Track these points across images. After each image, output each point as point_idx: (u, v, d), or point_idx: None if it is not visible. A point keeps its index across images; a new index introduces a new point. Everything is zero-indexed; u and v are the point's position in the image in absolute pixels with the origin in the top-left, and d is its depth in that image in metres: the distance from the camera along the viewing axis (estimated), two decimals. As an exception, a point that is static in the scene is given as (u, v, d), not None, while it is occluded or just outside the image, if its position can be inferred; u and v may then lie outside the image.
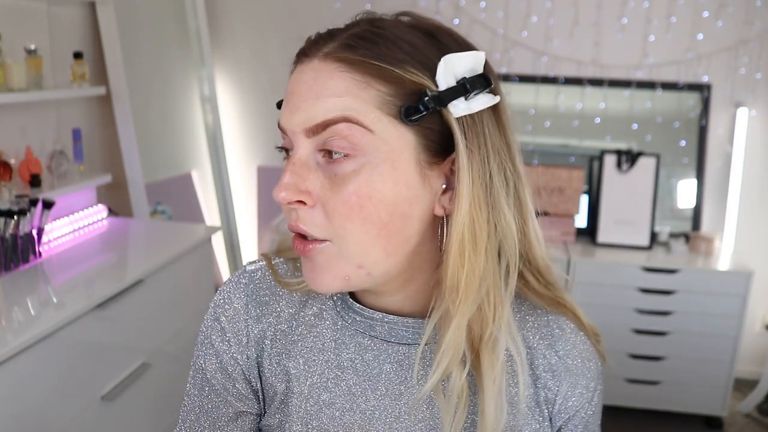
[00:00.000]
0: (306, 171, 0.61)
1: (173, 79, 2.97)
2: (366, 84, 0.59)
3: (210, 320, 0.75)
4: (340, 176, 0.60)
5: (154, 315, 2.01)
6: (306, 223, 0.62)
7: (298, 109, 0.61)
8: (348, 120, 0.59)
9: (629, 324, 2.67)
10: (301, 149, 0.61)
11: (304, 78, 0.61)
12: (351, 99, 0.59)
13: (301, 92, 0.61)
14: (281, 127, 0.63)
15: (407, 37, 0.60)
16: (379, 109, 0.59)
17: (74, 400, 1.66)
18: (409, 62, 0.59)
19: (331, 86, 0.59)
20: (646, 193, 2.79)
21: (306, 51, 0.62)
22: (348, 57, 0.59)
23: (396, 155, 0.60)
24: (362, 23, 0.63)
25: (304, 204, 0.61)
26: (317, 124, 0.59)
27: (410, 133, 0.60)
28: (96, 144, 2.58)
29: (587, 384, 0.73)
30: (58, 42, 2.29)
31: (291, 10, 3.06)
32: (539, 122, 3.01)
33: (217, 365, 0.73)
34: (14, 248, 1.83)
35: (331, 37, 0.62)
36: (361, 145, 0.59)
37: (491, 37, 2.96)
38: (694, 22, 2.85)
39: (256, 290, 0.74)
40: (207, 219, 3.14)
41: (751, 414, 2.84)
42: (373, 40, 0.60)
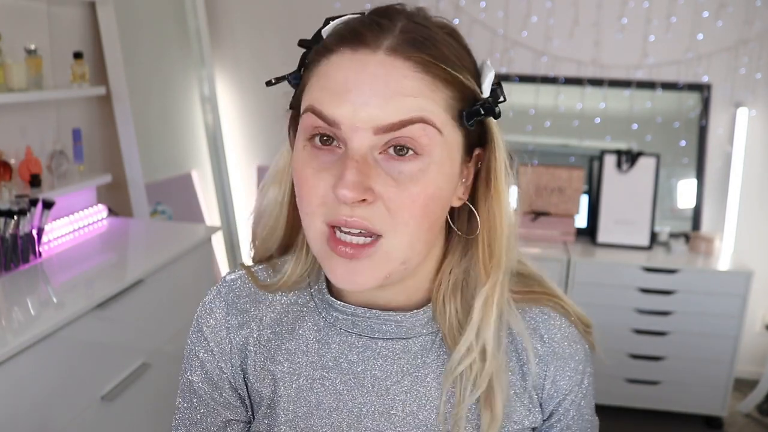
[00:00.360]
0: (368, 167, 0.59)
1: (173, 79, 2.97)
2: (435, 86, 0.60)
3: (194, 333, 0.76)
4: (407, 174, 0.60)
5: (154, 315, 2.01)
6: (366, 218, 0.59)
7: (366, 105, 0.58)
8: (424, 121, 0.59)
9: (629, 324, 2.67)
10: (363, 145, 0.59)
11: (369, 70, 0.58)
12: (425, 100, 0.59)
13: (369, 85, 0.58)
14: (331, 120, 0.59)
15: (449, 39, 0.63)
16: (445, 112, 0.61)
17: (74, 400, 1.66)
18: (465, 68, 0.62)
19: (407, 86, 0.58)
20: (646, 193, 2.79)
21: (363, 39, 0.59)
22: (420, 57, 0.59)
23: (453, 155, 0.63)
24: (399, 16, 0.62)
25: (364, 201, 0.59)
26: (393, 123, 0.58)
27: (461, 134, 0.63)
28: (96, 144, 2.58)
29: (575, 367, 0.73)
30: (58, 42, 2.29)
31: (291, 10, 3.06)
32: (539, 122, 3.01)
33: (203, 376, 0.74)
34: (14, 248, 1.83)
35: (381, 27, 0.60)
36: (430, 146, 0.60)
37: (491, 37, 2.96)
38: (694, 22, 2.85)
39: (236, 299, 0.74)
40: (207, 219, 3.14)
41: (751, 414, 2.84)
42: (432, 41, 0.60)
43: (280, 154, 0.73)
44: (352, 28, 0.61)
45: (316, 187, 0.61)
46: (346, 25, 0.62)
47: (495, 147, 0.66)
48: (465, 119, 0.62)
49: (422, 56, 0.59)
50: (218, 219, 3.22)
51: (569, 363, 0.72)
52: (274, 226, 0.74)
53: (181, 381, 0.76)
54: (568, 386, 0.72)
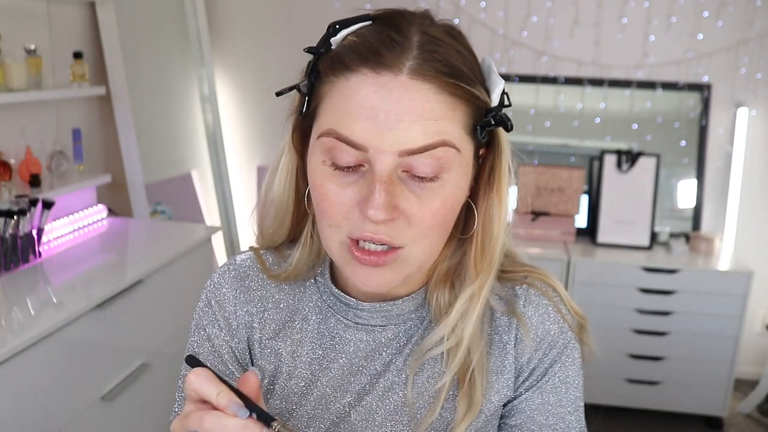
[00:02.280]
0: (394, 187, 0.61)
1: (173, 79, 2.97)
2: (454, 106, 0.61)
3: (201, 306, 0.78)
4: (428, 190, 0.62)
5: (154, 315, 2.01)
6: (389, 234, 0.62)
7: (391, 129, 0.59)
8: (446, 144, 0.61)
9: (629, 324, 2.67)
10: (389, 166, 0.61)
11: (394, 96, 0.59)
12: (445, 123, 0.61)
13: (393, 110, 0.59)
14: (358, 145, 0.60)
15: (460, 49, 0.63)
16: (463, 129, 0.63)
17: (74, 400, 1.66)
18: (477, 81, 0.64)
19: (429, 108, 0.60)
20: (646, 193, 2.79)
21: (383, 61, 0.60)
22: (441, 80, 0.60)
23: (468, 167, 0.65)
24: (411, 27, 0.62)
25: (393, 220, 0.62)
26: (417, 148, 0.60)
27: (472, 144, 0.65)
28: (96, 144, 2.58)
29: (551, 342, 0.72)
30: (58, 42, 2.29)
31: (291, 10, 3.06)
32: (539, 122, 3.01)
33: (209, 349, 0.76)
34: (14, 248, 1.83)
35: (400, 47, 0.60)
36: (450, 164, 0.62)
37: (491, 37, 2.96)
38: (694, 22, 2.85)
39: (244, 277, 0.78)
40: (207, 219, 3.14)
41: (752, 414, 2.84)
42: (449, 59, 0.61)
43: (280, 150, 0.73)
44: (370, 46, 0.60)
45: (342, 204, 0.63)
46: (362, 40, 0.61)
47: (501, 150, 0.68)
48: (479, 133, 0.65)
49: (442, 78, 0.60)
50: (218, 219, 3.22)
51: (544, 342, 0.72)
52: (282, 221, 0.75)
53: (186, 353, 0.77)
54: (534, 364, 0.72)
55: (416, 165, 0.61)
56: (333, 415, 0.72)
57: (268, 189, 0.75)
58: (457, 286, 0.71)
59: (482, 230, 0.69)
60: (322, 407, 0.73)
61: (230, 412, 0.53)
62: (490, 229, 0.68)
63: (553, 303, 0.73)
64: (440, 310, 0.71)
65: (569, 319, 0.73)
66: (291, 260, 0.75)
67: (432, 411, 0.70)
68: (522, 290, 0.73)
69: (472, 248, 0.69)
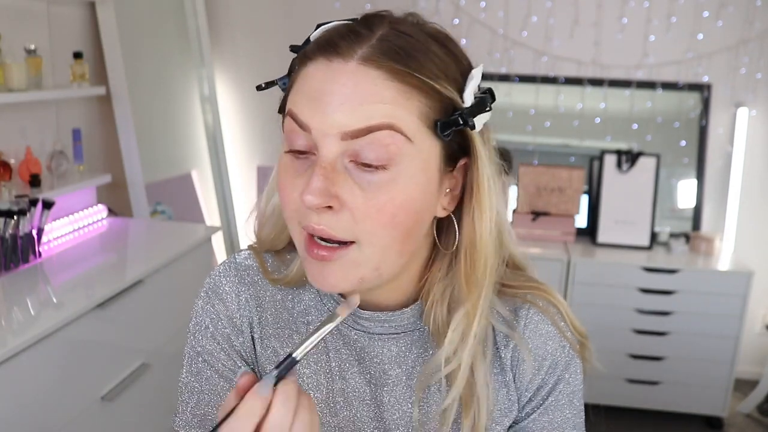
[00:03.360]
0: (335, 174, 0.60)
1: (173, 79, 2.97)
2: (408, 94, 0.60)
3: (201, 304, 0.76)
4: (375, 184, 0.60)
5: (154, 315, 2.01)
6: (332, 227, 0.61)
7: (335, 111, 0.59)
8: (392, 127, 0.59)
9: (629, 324, 2.67)
10: (332, 152, 0.60)
11: (339, 79, 0.59)
12: (395, 107, 0.59)
13: (339, 94, 0.59)
14: (304, 125, 0.61)
15: (432, 47, 0.62)
16: (419, 119, 0.60)
17: (74, 400, 1.66)
18: (442, 76, 0.61)
19: (376, 93, 0.59)
20: (646, 193, 2.79)
21: (337, 49, 0.60)
22: (391, 66, 0.59)
23: (428, 165, 0.62)
24: (383, 23, 0.62)
25: (330, 208, 0.60)
26: (359, 129, 0.59)
27: (437, 143, 0.63)
28: (96, 144, 2.58)
29: (548, 368, 0.72)
30: (58, 42, 2.29)
31: (291, 10, 3.06)
32: (539, 122, 3.01)
33: (214, 346, 0.75)
34: (14, 248, 1.83)
35: (359, 36, 0.61)
36: (399, 154, 0.60)
37: (491, 37, 2.96)
38: (694, 22, 2.85)
39: (245, 275, 0.76)
40: (207, 219, 3.14)
41: (752, 414, 2.84)
42: (407, 49, 0.60)
43: (280, 155, 0.73)
44: (329, 37, 0.62)
45: (292, 193, 0.62)
46: (327, 33, 0.63)
47: (476, 158, 0.65)
48: (439, 129, 0.62)
49: (394, 65, 0.59)
50: (218, 219, 3.22)
51: (546, 361, 0.72)
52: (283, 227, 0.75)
53: (187, 354, 0.76)
54: (540, 384, 0.72)
55: (360, 151, 0.59)
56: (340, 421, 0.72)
57: (269, 195, 0.75)
58: (452, 304, 0.70)
59: (469, 244, 0.66)
60: (328, 412, 0.73)
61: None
62: (473, 244, 0.66)
63: (554, 321, 0.73)
64: (438, 328, 0.70)
65: (570, 337, 0.73)
66: (292, 267, 0.74)
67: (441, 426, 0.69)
68: (524, 310, 0.73)
69: (461, 264, 0.67)
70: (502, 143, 3.30)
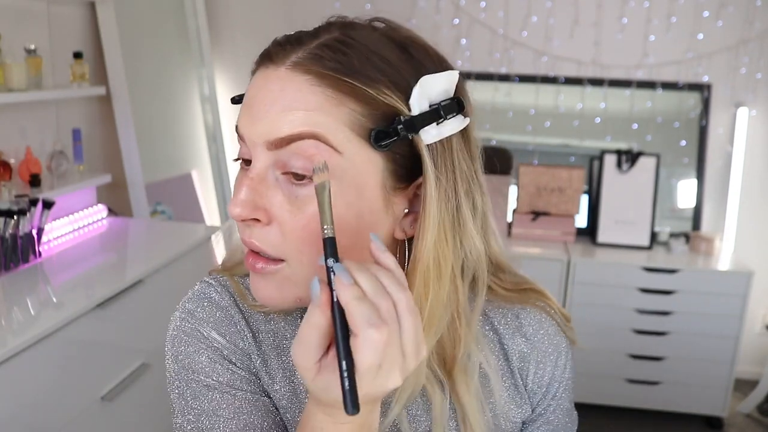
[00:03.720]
0: (264, 187, 0.57)
1: (173, 79, 2.97)
2: (338, 101, 0.55)
3: (189, 335, 0.70)
4: (301, 198, 0.56)
5: (154, 315, 2.00)
6: (261, 241, 0.58)
7: (260, 119, 0.56)
8: (316, 137, 0.55)
9: (629, 324, 2.67)
10: (260, 162, 0.57)
11: (268, 86, 0.57)
12: (321, 115, 0.55)
13: (264, 100, 0.57)
14: (239, 134, 0.59)
15: (381, 51, 0.57)
16: (350, 129, 0.56)
17: (74, 400, 1.66)
18: (383, 82, 0.56)
19: (300, 99, 0.55)
20: (646, 193, 2.79)
21: (271, 55, 0.58)
22: (319, 70, 0.55)
23: (362, 180, 0.57)
24: (333, 29, 0.59)
25: (259, 221, 0.58)
26: (281, 138, 0.55)
27: (378, 157, 0.57)
28: (96, 144, 2.58)
29: (555, 360, 0.73)
30: (58, 42, 2.29)
31: (291, 9, 3.06)
32: (539, 122, 3.01)
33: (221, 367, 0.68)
34: (14, 248, 1.83)
35: (299, 43, 0.57)
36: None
37: (491, 37, 2.96)
38: (694, 22, 2.85)
39: (225, 309, 0.69)
40: (207, 219, 3.14)
41: (752, 414, 2.84)
42: (345, 52, 0.56)
43: None
44: (271, 45, 0.59)
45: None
46: (273, 41, 0.60)
47: (425, 177, 0.58)
48: (373, 140, 0.56)
49: (324, 70, 0.55)
50: (218, 219, 3.22)
51: (550, 357, 0.73)
52: None
53: (176, 400, 0.69)
54: (549, 380, 0.73)
55: (287, 161, 0.56)
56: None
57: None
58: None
59: (410, 272, 0.59)
60: None
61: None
62: (414, 272, 0.58)
63: (552, 317, 0.73)
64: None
65: (564, 329, 0.74)
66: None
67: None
68: (525, 313, 0.72)
69: (414, 290, 0.59)
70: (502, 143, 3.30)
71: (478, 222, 0.62)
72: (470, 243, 0.61)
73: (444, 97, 0.59)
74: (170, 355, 0.70)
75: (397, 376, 0.50)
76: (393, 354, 0.49)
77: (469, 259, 0.62)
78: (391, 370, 0.50)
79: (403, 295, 0.50)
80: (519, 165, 2.87)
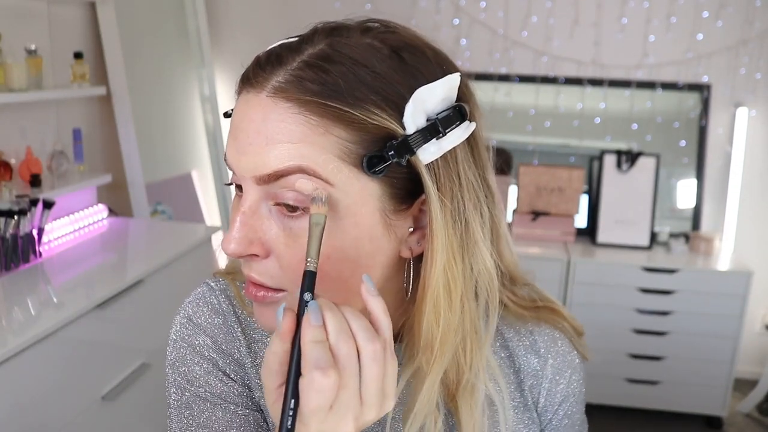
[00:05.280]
0: (257, 221, 0.54)
1: (173, 79, 2.97)
2: (324, 129, 0.51)
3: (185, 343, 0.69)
4: (296, 231, 0.53)
5: (154, 315, 2.01)
6: (260, 274, 0.56)
7: (245, 153, 0.53)
8: (303, 171, 0.51)
9: (629, 324, 2.67)
10: (251, 196, 0.54)
11: (250, 114, 0.53)
12: (307, 146, 0.51)
13: (248, 132, 0.53)
14: (228, 164, 0.56)
15: (370, 62, 0.53)
16: (339, 159, 0.52)
17: (74, 399, 1.66)
18: (372, 101, 0.52)
19: (284, 130, 0.51)
20: (646, 193, 2.79)
21: (251, 80, 0.54)
22: (300, 97, 0.51)
23: (357, 209, 0.53)
24: (318, 38, 0.55)
25: (256, 256, 0.55)
26: (268, 174, 0.52)
27: (373, 183, 0.53)
28: (96, 144, 2.58)
29: (570, 377, 0.72)
30: (58, 42, 2.29)
31: (291, 9, 3.06)
32: (539, 122, 3.01)
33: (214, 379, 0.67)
34: (14, 248, 1.83)
35: (279, 62, 0.53)
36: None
37: (491, 37, 2.96)
38: (694, 22, 2.85)
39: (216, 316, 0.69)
40: (207, 219, 3.14)
41: (751, 414, 2.84)
42: (327, 71, 0.52)
43: None
44: (252, 65, 0.55)
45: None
46: (254, 59, 0.56)
47: (428, 199, 0.54)
48: (366, 167, 0.52)
49: (303, 96, 0.51)
50: (218, 219, 3.22)
51: (564, 375, 0.72)
52: None
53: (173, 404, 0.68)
54: (562, 397, 0.72)
55: (279, 194, 0.53)
56: None
57: None
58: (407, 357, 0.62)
59: (420, 293, 0.57)
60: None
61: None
62: (424, 292, 0.56)
63: (567, 334, 0.72)
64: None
65: (577, 346, 0.73)
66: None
67: None
68: (538, 328, 0.71)
69: (413, 315, 0.58)
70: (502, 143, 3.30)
71: (488, 233, 0.59)
72: (481, 264, 0.58)
73: (443, 107, 0.55)
74: (169, 360, 0.70)
75: (349, 423, 0.49)
76: (346, 400, 0.48)
77: (481, 280, 0.59)
78: (343, 417, 0.48)
79: (371, 344, 0.49)
80: (519, 165, 2.87)
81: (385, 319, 0.51)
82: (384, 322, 0.51)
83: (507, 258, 0.65)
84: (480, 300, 0.61)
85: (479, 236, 0.57)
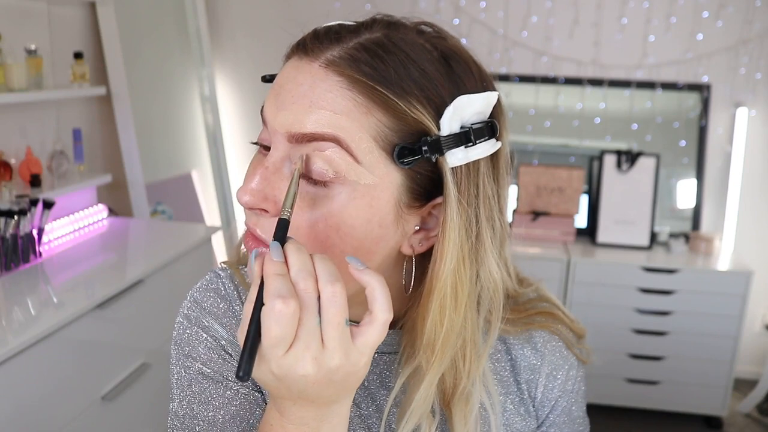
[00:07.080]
0: (277, 178, 0.56)
1: (173, 79, 2.97)
2: (367, 109, 0.54)
3: (191, 322, 0.69)
4: (311, 197, 0.55)
5: (154, 315, 2.01)
6: (265, 232, 0.57)
7: (285, 109, 0.55)
8: (338, 141, 0.54)
9: (629, 324, 2.67)
10: (278, 152, 0.56)
11: (298, 79, 0.56)
12: (347, 120, 0.54)
13: (292, 92, 0.55)
14: (263, 118, 0.58)
15: (421, 61, 0.55)
16: (374, 140, 0.54)
17: (74, 400, 1.66)
18: (416, 96, 0.54)
19: (329, 99, 0.54)
20: (646, 193, 2.79)
21: (307, 48, 0.57)
22: (353, 75, 0.54)
23: (376, 193, 0.55)
24: (376, 27, 0.57)
25: (266, 212, 0.57)
26: (304, 134, 0.54)
27: (397, 172, 0.56)
28: (96, 144, 2.58)
29: (566, 373, 0.72)
30: (58, 42, 2.29)
31: (291, 9, 3.06)
32: (539, 122, 3.01)
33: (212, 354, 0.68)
34: (14, 248, 1.83)
35: (338, 39, 0.56)
36: (342, 173, 0.54)
37: (491, 37, 2.97)
38: (694, 22, 2.85)
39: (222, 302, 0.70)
40: (207, 219, 3.14)
41: (751, 414, 2.84)
42: (383, 58, 0.54)
43: None
44: (308, 36, 0.58)
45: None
46: (311, 32, 0.59)
47: (446, 200, 0.56)
48: (396, 155, 0.54)
49: (358, 75, 0.54)
50: (218, 219, 3.22)
51: (561, 370, 0.72)
52: None
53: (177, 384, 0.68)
54: (560, 392, 0.72)
55: (309, 158, 0.55)
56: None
57: None
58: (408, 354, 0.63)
59: (425, 293, 0.58)
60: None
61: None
62: (429, 293, 0.58)
63: (565, 338, 0.73)
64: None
65: (576, 352, 0.73)
66: None
67: None
68: (537, 332, 0.72)
69: (417, 312, 0.59)
70: (502, 143, 3.29)
71: (496, 248, 0.61)
72: (488, 273, 0.60)
73: (478, 119, 0.57)
74: (174, 340, 0.71)
75: (308, 363, 0.48)
76: (305, 337, 0.48)
77: (486, 290, 0.61)
78: (301, 356, 0.48)
79: (330, 286, 0.49)
80: (519, 165, 2.87)
81: (382, 286, 0.51)
82: (378, 290, 0.51)
83: (505, 277, 0.66)
84: (481, 312, 0.62)
85: (489, 246, 0.59)
